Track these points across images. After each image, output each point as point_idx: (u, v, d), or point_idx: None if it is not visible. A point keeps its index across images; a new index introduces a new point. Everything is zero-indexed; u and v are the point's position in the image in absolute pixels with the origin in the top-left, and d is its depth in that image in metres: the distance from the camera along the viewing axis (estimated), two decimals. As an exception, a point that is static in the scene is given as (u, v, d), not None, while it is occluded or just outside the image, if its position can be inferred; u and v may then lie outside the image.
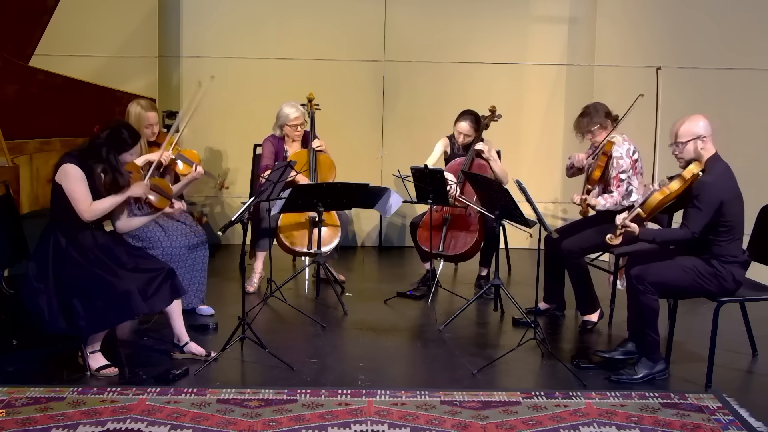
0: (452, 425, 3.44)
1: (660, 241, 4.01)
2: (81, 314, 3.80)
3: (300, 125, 5.47)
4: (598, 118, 4.72)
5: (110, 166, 3.99)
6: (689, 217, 3.88)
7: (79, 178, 3.91)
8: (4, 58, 4.66)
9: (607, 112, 4.76)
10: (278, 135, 5.55)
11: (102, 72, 6.23)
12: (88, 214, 3.94)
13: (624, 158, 4.65)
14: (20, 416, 3.45)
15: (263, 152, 5.53)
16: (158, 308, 4.03)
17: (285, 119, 5.47)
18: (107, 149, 3.96)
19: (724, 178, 3.89)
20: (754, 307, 4.49)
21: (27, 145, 4.96)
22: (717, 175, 3.87)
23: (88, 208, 3.93)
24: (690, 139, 3.91)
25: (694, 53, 6.06)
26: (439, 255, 5.37)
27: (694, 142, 3.91)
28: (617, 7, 6.51)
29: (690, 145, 3.92)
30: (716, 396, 3.78)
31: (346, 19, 6.81)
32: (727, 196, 3.84)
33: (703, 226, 3.85)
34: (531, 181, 5.16)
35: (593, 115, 4.74)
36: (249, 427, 3.40)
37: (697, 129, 3.92)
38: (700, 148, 3.92)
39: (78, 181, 3.91)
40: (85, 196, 3.92)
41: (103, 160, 3.98)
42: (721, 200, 3.83)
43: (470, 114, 5.47)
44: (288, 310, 4.96)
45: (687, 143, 3.92)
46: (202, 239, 4.74)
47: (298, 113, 5.46)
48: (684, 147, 3.93)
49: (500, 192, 4.42)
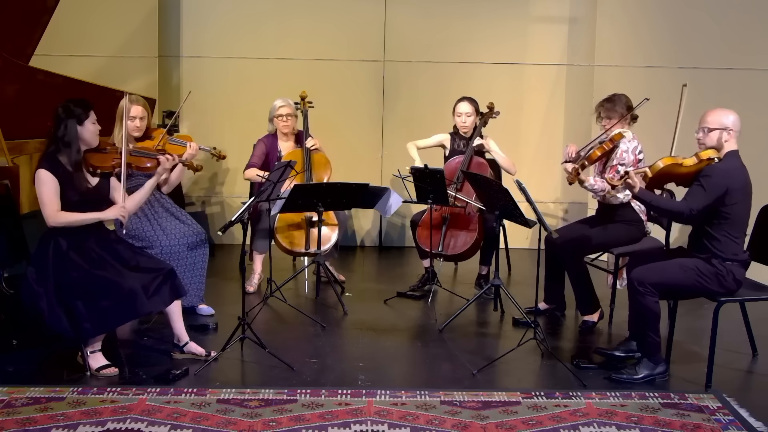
0: (452, 425, 3.44)
1: (656, 206, 4.00)
2: (84, 316, 3.79)
3: (287, 116, 5.51)
4: (621, 108, 4.75)
5: (64, 144, 3.88)
6: (691, 194, 3.88)
7: (47, 181, 3.85)
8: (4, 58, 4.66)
9: (629, 107, 4.78)
10: (271, 131, 5.58)
11: (102, 72, 6.23)
12: (53, 220, 3.87)
13: (629, 153, 4.66)
14: (20, 416, 3.45)
15: (254, 152, 5.57)
16: (158, 308, 4.02)
17: (273, 111, 5.54)
18: (61, 128, 3.88)
19: (737, 170, 3.89)
20: (754, 307, 4.49)
21: (27, 145, 4.96)
22: (730, 165, 3.88)
23: (54, 214, 3.86)
24: (717, 128, 3.91)
25: (694, 53, 6.06)
26: (439, 255, 5.37)
27: (720, 132, 3.91)
28: (617, 7, 6.51)
29: (715, 133, 3.91)
30: (716, 396, 3.78)
31: (346, 19, 6.81)
32: (734, 185, 3.84)
33: (703, 207, 3.84)
34: (531, 181, 5.16)
35: (617, 103, 4.77)
36: (249, 427, 3.40)
37: (726, 120, 3.92)
38: (724, 140, 3.92)
39: (44, 185, 3.85)
40: (51, 201, 3.86)
41: (59, 140, 3.88)
42: (727, 187, 3.82)
43: (466, 97, 5.54)
44: (288, 310, 4.96)
45: (713, 131, 3.92)
46: (201, 238, 4.74)
47: (285, 104, 5.52)
48: (709, 133, 3.93)
49: (500, 192, 4.42)
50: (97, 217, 3.99)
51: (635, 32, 6.43)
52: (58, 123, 3.91)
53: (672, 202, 4.06)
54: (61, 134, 3.90)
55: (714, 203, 3.84)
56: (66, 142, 3.91)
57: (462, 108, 5.51)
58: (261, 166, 5.50)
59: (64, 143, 3.90)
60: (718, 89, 5.91)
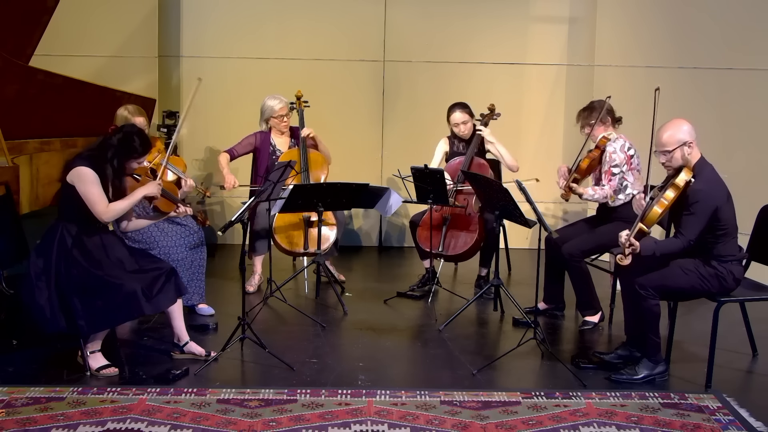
0: (452, 425, 3.44)
1: (660, 254, 3.95)
2: (80, 313, 3.81)
3: (285, 116, 5.52)
4: (598, 113, 4.74)
5: (112, 170, 4.00)
6: (685, 226, 3.83)
7: (93, 180, 3.92)
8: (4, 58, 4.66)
9: (610, 110, 4.78)
10: (264, 129, 5.59)
11: (102, 72, 6.23)
12: (107, 216, 3.97)
13: (617, 152, 4.66)
14: (20, 416, 3.45)
15: (241, 141, 5.56)
16: (163, 307, 4.03)
17: (270, 112, 5.52)
18: (114, 152, 3.98)
19: (715, 183, 3.85)
20: (754, 307, 4.50)
21: (27, 145, 4.96)
22: (708, 182, 3.83)
23: (106, 210, 3.95)
24: (677, 147, 3.85)
25: (694, 53, 6.06)
26: (439, 255, 5.37)
27: (681, 149, 3.85)
28: (617, 7, 6.51)
29: (677, 152, 3.85)
30: (716, 396, 3.78)
31: (346, 19, 6.80)
32: (720, 201, 3.82)
33: (699, 232, 3.82)
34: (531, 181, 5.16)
35: (595, 109, 4.78)
36: (249, 427, 3.40)
37: (682, 135, 3.85)
38: (687, 154, 3.86)
39: (92, 184, 3.91)
40: (101, 198, 3.93)
41: (108, 162, 3.98)
42: (715, 206, 3.80)
43: (457, 104, 5.53)
44: (288, 310, 4.96)
45: (674, 151, 3.85)
46: (200, 238, 4.75)
47: (282, 104, 5.52)
48: (672, 155, 3.87)
49: (500, 192, 4.42)
50: (140, 195, 4.09)
51: (635, 32, 6.43)
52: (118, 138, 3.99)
53: (671, 242, 3.95)
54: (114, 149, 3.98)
55: (708, 223, 3.83)
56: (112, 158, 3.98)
57: (456, 118, 5.48)
58: (252, 160, 5.54)
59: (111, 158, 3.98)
60: (718, 89, 5.91)
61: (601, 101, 4.82)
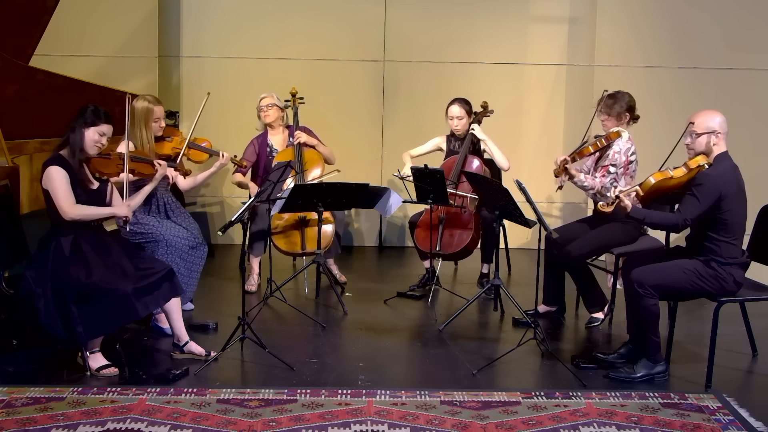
0: (452, 425, 3.44)
1: (649, 222, 3.99)
2: (78, 320, 3.79)
3: (267, 106, 5.56)
4: (619, 107, 4.73)
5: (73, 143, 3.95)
6: (685, 204, 3.87)
7: (60, 177, 3.89)
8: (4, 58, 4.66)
9: (631, 107, 4.77)
10: (260, 129, 5.63)
11: (102, 72, 6.23)
12: (71, 213, 3.90)
13: (621, 155, 4.66)
14: (20, 416, 3.45)
15: (243, 153, 5.60)
16: (155, 307, 4.03)
17: (258, 103, 5.60)
18: (74, 127, 3.96)
19: (729, 174, 3.87)
20: (754, 307, 4.50)
21: (27, 145, 4.96)
22: (721, 170, 3.87)
23: (71, 207, 3.89)
24: (704, 132, 3.91)
25: (694, 53, 6.07)
26: (437, 254, 5.37)
27: (707, 136, 3.90)
28: (617, 7, 6.51)
29: (703, 138, 3.91)
30: (716, 396, 3.78)
31: (346, 19, 6.81)
32: (727, 191, 3.83)
33: (697, 215, 3.83)
34: (531, 181, 5.16)
35: (618, 101, 4.75)
36: (249, 427, 3.40)
37: (712, 124, 3.91)
38: (713, 144, 3.91)
39: (58, 181, 3.88)
40: (66, 194, 3.89)
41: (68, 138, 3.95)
42: (720, 193, 3.81)
43: (457, 98, 5.55)
44: (288, 310, 4.96)
45: (701, 135, 3.92)
46: (200, 240, 4.73)
47: (267, 95, 5.59)
48: (697, 139, 3.93)
49: (500, 192, 4.42)
50: (108, 212, 4.06)
51: (635, 32, 6.43)
52: (72, 123, 3.98)
53: (665, 215, 4.03)
54: (70, 133, 3.97)
55: (709, 210, 3.83)
56: (72, 141, 3.95)
57: (452, 111, 5.52)
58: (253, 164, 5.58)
59: (71, 142, 3.96)
60: (718, 89, 5.92)
61: (627, 95, 4.77)
